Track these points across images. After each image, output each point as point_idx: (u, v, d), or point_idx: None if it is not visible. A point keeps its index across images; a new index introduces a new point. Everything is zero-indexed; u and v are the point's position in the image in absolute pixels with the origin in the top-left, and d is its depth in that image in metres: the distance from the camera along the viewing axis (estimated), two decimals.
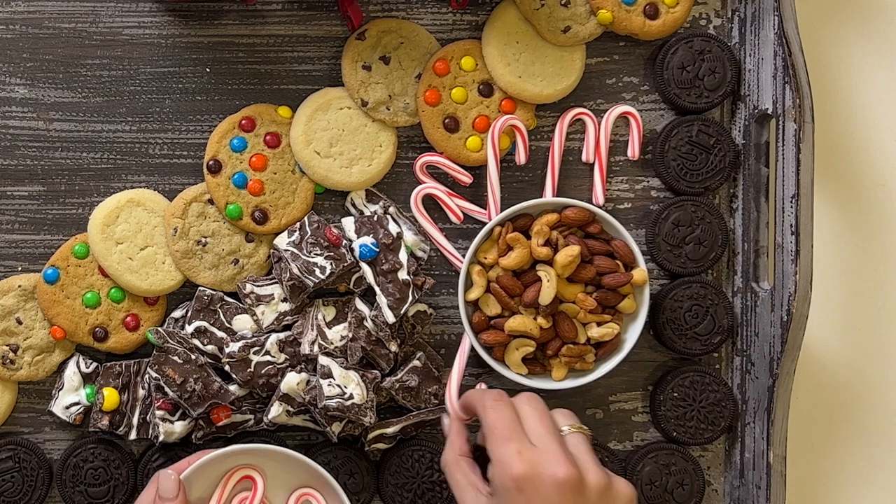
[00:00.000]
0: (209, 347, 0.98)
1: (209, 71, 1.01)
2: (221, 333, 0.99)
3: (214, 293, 0.99)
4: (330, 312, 0.99)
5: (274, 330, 0.99)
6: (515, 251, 0.97)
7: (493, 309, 0.98)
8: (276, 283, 0.99)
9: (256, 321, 0.99)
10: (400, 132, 1.02)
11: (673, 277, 1.03)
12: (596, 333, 0.98)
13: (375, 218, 0.98)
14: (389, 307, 0.97)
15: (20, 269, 1.01)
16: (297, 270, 0.96)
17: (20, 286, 0.99)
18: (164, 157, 1.01)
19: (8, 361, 0.99)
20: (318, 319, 0.98)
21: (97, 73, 1.00)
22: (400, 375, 0.99)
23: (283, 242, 0.98)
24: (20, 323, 0.99)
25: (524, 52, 1.00)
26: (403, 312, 0.97)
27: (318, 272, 0.96)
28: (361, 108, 1.00)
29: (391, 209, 1.01)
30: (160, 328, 0.98)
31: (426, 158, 1.01)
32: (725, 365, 1.04)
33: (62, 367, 1.00)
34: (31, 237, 1.01)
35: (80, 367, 0.99)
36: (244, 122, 0.99)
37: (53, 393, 0.99)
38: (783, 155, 0.97)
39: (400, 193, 1.01)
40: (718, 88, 1.01)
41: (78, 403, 0.99)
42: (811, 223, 0.96)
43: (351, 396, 0.96)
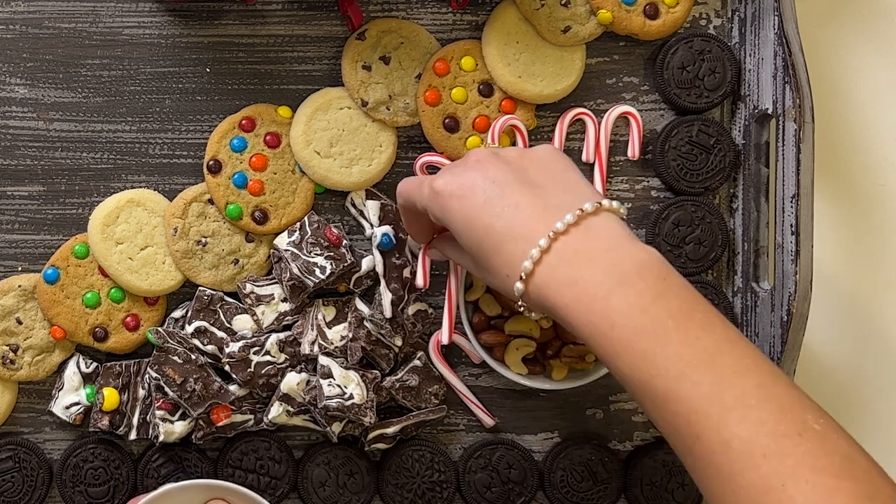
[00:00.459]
0: (209, 347, 0.98)
1: (209, 71, 1.01)
2: (221, 333, 0.99)
3: (214, 293, 0.99)
4: (330, 312, 0.99)
5: (274, 330, 0.99)
6: None
7: (493, 309, 0.98)
8: (276, 283, 0.99)
9: (256, 321, 0.99)
10: (400, 132, 1.02)
11: None
12: None
13: (397, 209, 0.98)
14: (392, 303, 0.98)
15: (20, 269, 1.01)
16: (297, 270, 0.96)
17: (20, 286, 0.99)
18: (164, 157, 1.01)
19: (8, 361, 0.99)
20: (318, 319, 0.98)
21: (97, 73, 1.00)
22: (400, 375, 0.99)
23: (283, 242, 0.98)
24: (20, 323, 0.99)
25: (524, 52, 1.00)
26: (402, 310, 0.98)
27: (318, 272, 0.96)
28: (361, 108, 1.00)
29: (391, 209, 1.01)
30: (160, 328, 0.98)
31: (426, 158, 1.01)
32: None
33: (62, 367, 1.00)
34: (31, 237, 1.01)
35: (80, 367, 0.99)
36: (244, 122, 0.99)
37: (53, 393, 0.99)
38: (783, 155, 0.97)
39: None
40: (718, 88, 1.01)
41: (78, 403, 0.99)
42: (811, 223, 0.96)
43: (351, 396, 0.96)
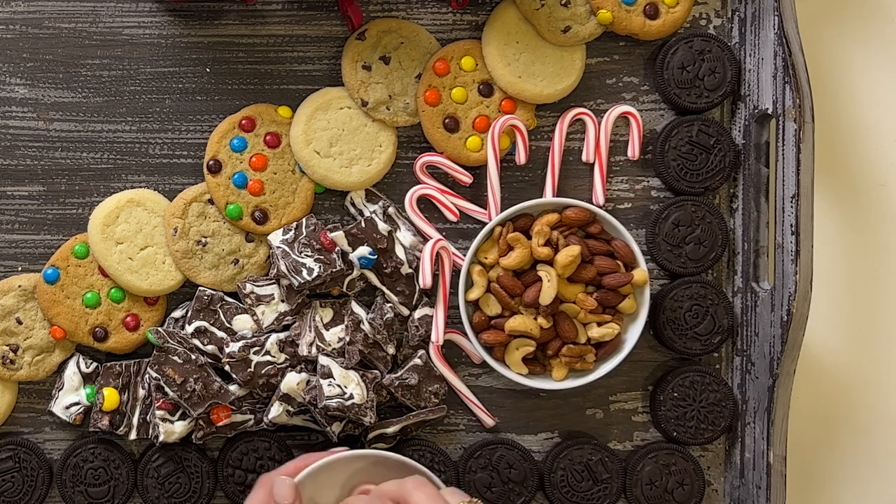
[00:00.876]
0: (209, 347, 0.98)
1: (209, 71, 1.01)
2: (221, 333, 0.99)
3: (214, 293, 0.99)
4: (327, 314, 0.99)
5: (274, 330, 0.99)
6: (516, 251, 0.97)
7: (493, 309, 0.98)
8: (275, 283, 0.99)
9: (256, 321, 0.99)
10: (400, 132, 1.02)
11: (673, 277, 1.03)
12: (596, 333, 0.98)
13: (364, 224, 0.98)
14: (402, 304, 0.99)
15: (20, 269, 1.00)
16: (284, 268, 0.96)
17: (20, 286, 0.99)
18: (164, 157, 1.01)
19: (8, 361, 0.99)
20: (315, 321, 0.98)
21: (97, 73, 1.00)
22: (400, 373, 0.99)
23: (276, 239, 0.98)
24: (20, 323, 0.99)
25: (524, 52, 1.00)
26: (416, 303, 0.99)
27: (304, 273, 0.96)
28: (361, 108, 1.00)
29: (391, 209, 1.01)
30: (160, 328, 0.98)
31: (426, 158, 1.01)
32: (725, 365, 1.04)
33: (62, 367, 1.00)
34: (31, 237, 1.01)
35: (80, 367, 0.99)
36: (244, 122, 0.99)
37: (53, 393, 0.99)
38: (783, 155, 0.97)
39: (400, 193, 1.01)
40: (718, 88, 1.01)
41: (78, 403, 0.99)
42: (811, 223, 0.96)
43: (351, 396, 0.96)
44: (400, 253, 0.99)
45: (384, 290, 0.99)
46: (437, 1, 1.02)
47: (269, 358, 0.98)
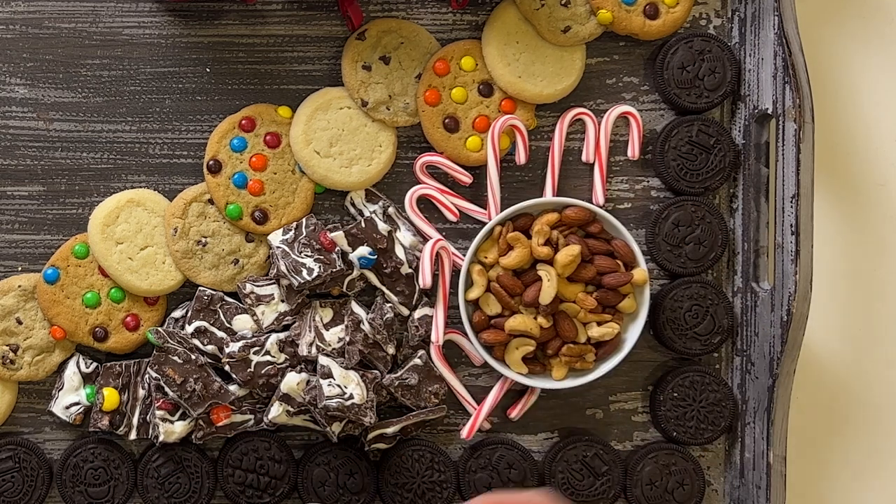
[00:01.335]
0: (209, 347, 0.98)
1: (209, 71, 1.01)
2: (221, 333, 0.99)
3: (214, 293, 0.99)
4: (327, 314, 0.99)
5: (274, 330, 0.99)
6: (516, 250, 0.97)
7: (493, 308, 0.98)
8: (275, 283, 0.99)
9: (256, 321, 0.99)
10: (400, 132, 1.02)
11: (673, 277, 1.03)
12: (596, 333, 0.98)
13: (364, 224, 0.98)
14: (402, 304, 0.99)
15: (20, 269, 1.01)
16: (283, 268, 0.96)
17: (20, 286, 0.99)
18: (164, 157, 1.01)
19: (8, 361, 0.99)
20: (315, 321, 0.98)
21: (97, 73, 1.00)
22: (400, 373, 0.99)
23: (276, 239, 0.98)
24: (20, 323, 0.99)
25: (524, 52, 1.00)
26: (416, 303, 0.99)
27: (304, 273, 0.96)
28: (361, 108, 1.00)
29: (391, 209, 1.01)
30: (160, 328, 0.98)
31: (426, 158, 1.01)
32: (725, 365, 1.04)
33: (62, 367, 1.00)
34: (31, 237, 1.01)
35: (80, 367, 0.99)
36: (244, 122, 0.99)
37: (53, 393, 0.99)
38: (783, 155, 0.97)
39: (400, 193, 1.01)
40: (718, 88, 1.01)
41: (78, 403, 0.99)
42: (811, 223, 0.96)
43: (351, 396, 0.96)
44: (400, 253, 0.99)
45: (384, 290, 0.99)
46: (437, 1, 1.02)
47: (269, 358, 0.98)
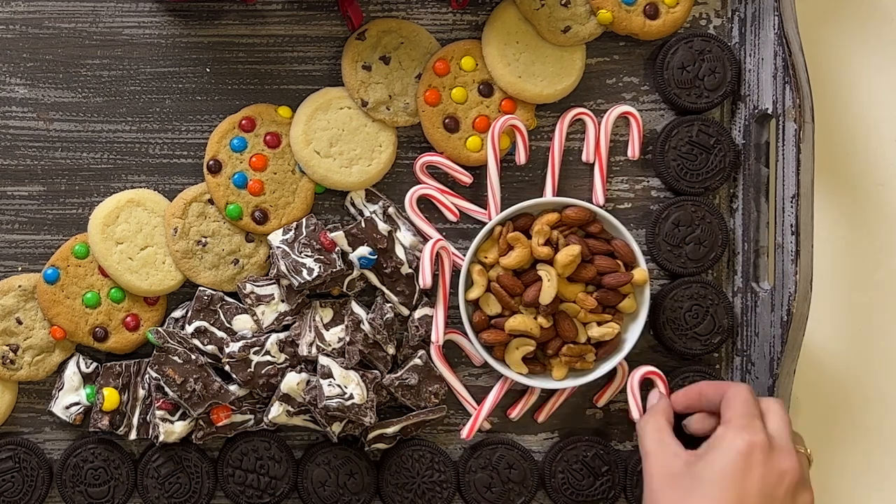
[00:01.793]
0: (209, 347, 0.98)
1: (209, 71, 1.01)
2: (221, 333, 0.99)
3: (214, 293, 0.99)
4: (327, 314, 0.99)
5: (274, 330, 0.99)
6: (516, 250, 0.97)
7: (493, 308, 0.98)
8: (275, 283, 0.99)
9: (256, 321, 0.99)
10: (400, 132, 1.02)
11: (673, 277, 1.03)
12: (596, 333, 0.98)
13: (364, 224, 0.98)
14: (402, 304, 0.99)
15: (20, 269, 1.01)
16: (284, 268, 0.96)
17: (20, 286, 0.99)
18: (164, 157, 1.01)
19: (8, 361, 0.99)
20: (315, 321, 0.98)
21: (97, 73, 1.00)
22: (400, 373, 0.99)
23: (276, 239, 0.98)
24: (20, 323, 0.99)
25: (524, 52, 1.00)
26: (416, 303, 0.99)
27: (304, 273, 0.96)
28: (361, 108, 1.00)
29: (391, 209, 1.01)
30: (160, 328, 0.98)
31: (426, 158, 1.01)
32: (725, 365, 1.04)
33: (62, 367, 1.00)
34: (31, 237, 1.01)
35: (80, 367, 0.99)
36: (244, 122, 0.99)
37: (53, 393, 0.99)
38: (783, 155, 0.97)
39: (400, 193, 1.01)
40: (718, 88, 1.01)
41: (78, 403, 0.99)
42: (811, 223, 0.96)
43: (351, 396, 0.96)
44: (400, 253, 0.99)
45: (384, 290, 0.99)
46: (437, 1, 1.02)
47: (269, 358, 0.98)
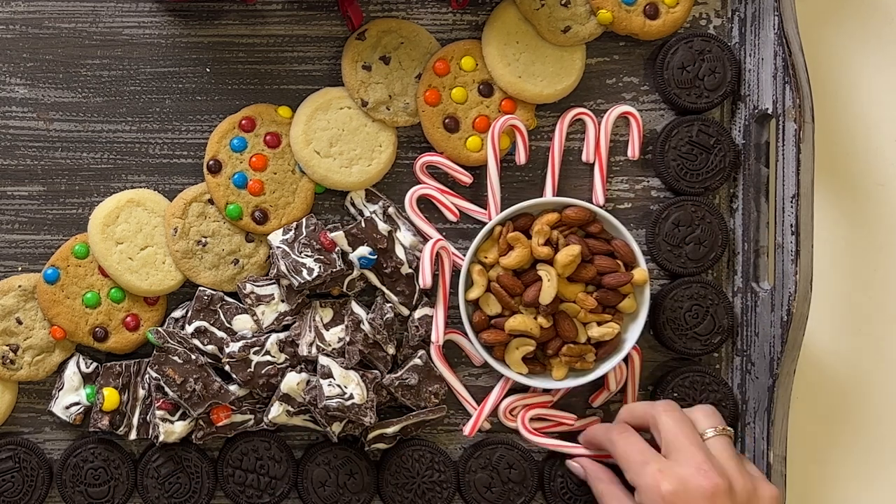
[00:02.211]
0: (209, 347, 0.98)
1: (209, 71, 1.01)
2: (221, 333, 0.99)
3: (214, 293, 0.99)
4: (327, 314, 0.99)
5: (274, 330, 0.99)
6: (516, 250, 0.97)
7: (493, 308, 0.98)
8: (275, 283, 0.99)
9: (256, 321, 0.99)
10: (400, 132, 1.02)
11: (673, 277, 1.03)
12: (596, 333, 0.98)
13: (364, 224, 0.98)
14: (402, 304, 0.99)
15: (20, 269, 1.01)
16: (284, 268, 0.96)
17: (20, 286, 0.99)
18: (164, 157, 1.01)
19: (8, 361, 0.99)
20: (315, 321, 0.98)
21: (97, 73, 1.00)
22: (400, 373, 0.99)
23: (276, 239, 0.98)
24: (20, 323, 0.99)
25: (524, 52, 1.00)
26: (416, 303, 0.99)
27: (304, 273, 0.96)
28: (361, 108, 1.00)
29: (391, 209, 1.01)
30: (160, 328, 0.98)
31: (426, 158, 1.01)
32: (725, 365, 1.04)
33: (62, 367, 1.00)
34: (31, 237, 1.01)
35: (80, 367, 0.99)
36: (244, 122, 0.99)
37: (53, 393, 0.99)
38: (783, 155, 0.97)
39: (400, 193, 1.01)
40: (718, 88, 1.01)
41: (78, 403, 0.99)
42: (811, 223, 0.96)
43: (351, 396, 0.96)
44: (400, 253, 0.99)
45: (384, 290, 0.99)
46: (437, 1, 1.02)
47: (269, 358, 0.98)
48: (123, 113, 1.01)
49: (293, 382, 0.97)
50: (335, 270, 0.97)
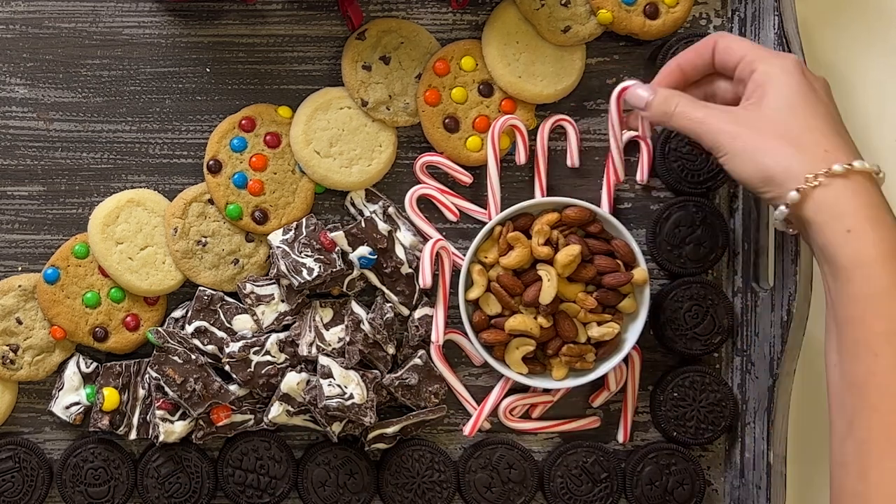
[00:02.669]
0: (209, 347, 0.98)
1: (209, 71, 1.01)
2: (221, 333, 0.99)
3: (214, 293, 0.99)
4: (327, 314, 0.99)
5: (274, 330, 0.99)
6: (516, 250, 0.97)
7: (493, 308, 0.98)
8: (275, 283, 0.99)
9: (256, 321, 0.99)
10: (400, 132, 1.02)
11: (673, 277, 1.03)
12: (596, 333, 0.98)
13: (364, 224, 0.98)
14: (402, 304, 0.99)
15: (20, 269, 1.01)
16: (284, 268, 0.96)
17: (20, 286, 0.99)
18: (164, 157, 1.01)
19: (8, 361, 0.99)
20: (315, 321, 0.98)
21: (97, 73, 1.00)
22: (400, 373, 0.99)
23: (276, 239, 0.98)
24: (20, 323, 0.99)
25: (524, 52, 1.00)
26: (416, 303, 0.99)
27: (304, 273, 0.96)
28: (361, 108, 1.00)
29: (391, 209, 1.01)
30: (160, 328, 0.98)
31: (426, 158, 1.01)
32: (725, 365, 1.04)
33: (62, 367, 1.00)
34: (31, 237, 1.01)
35: (80, 367, 0.99)
36: (244, 122, 0.99)
37: (53, 393, 0.99)
38: None
39: (400, 193, 1.01)
40: None
41: (78, 403, 0.99)
42: None
43: (351, 396, 0.96)
44: (400, 253, 0.99)
45: (384, 290, 0.99)
46: (437, 1, 1.02)
47: (269, 358, 0.98)
48: (123, 113, 1.01)
49: (293, 382, 0.97)
50: (335, 270, 0.97)
